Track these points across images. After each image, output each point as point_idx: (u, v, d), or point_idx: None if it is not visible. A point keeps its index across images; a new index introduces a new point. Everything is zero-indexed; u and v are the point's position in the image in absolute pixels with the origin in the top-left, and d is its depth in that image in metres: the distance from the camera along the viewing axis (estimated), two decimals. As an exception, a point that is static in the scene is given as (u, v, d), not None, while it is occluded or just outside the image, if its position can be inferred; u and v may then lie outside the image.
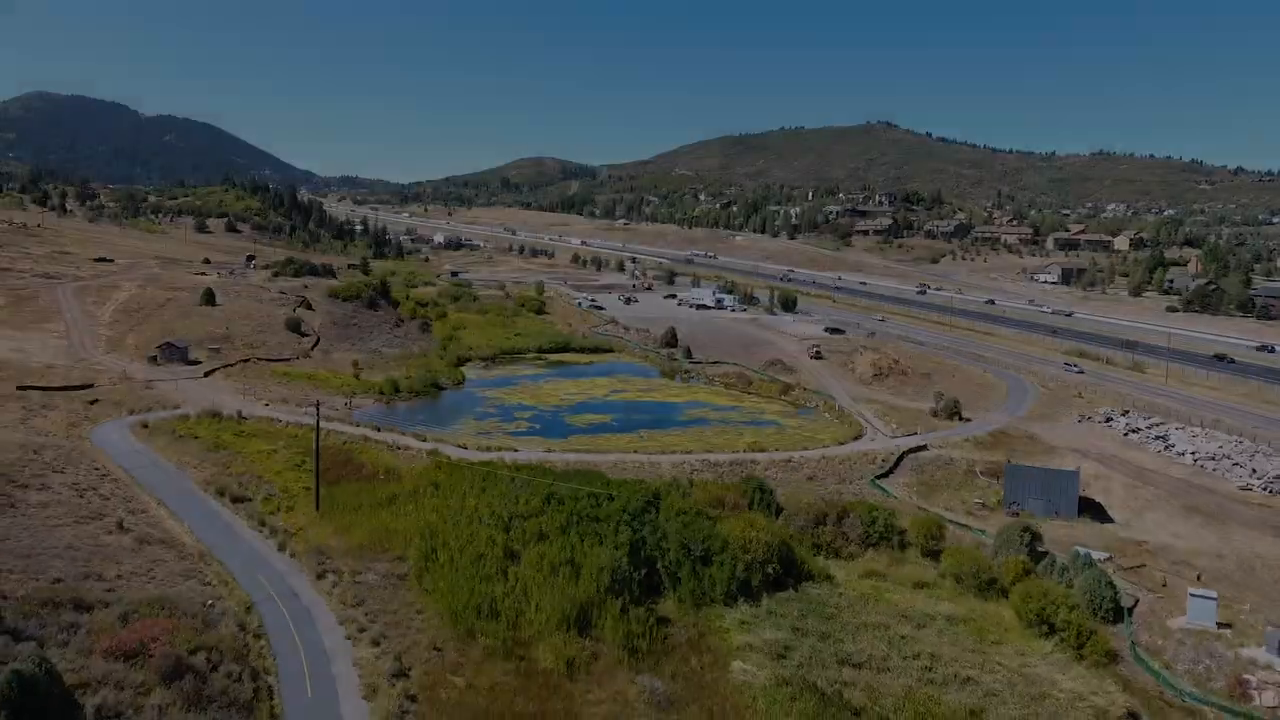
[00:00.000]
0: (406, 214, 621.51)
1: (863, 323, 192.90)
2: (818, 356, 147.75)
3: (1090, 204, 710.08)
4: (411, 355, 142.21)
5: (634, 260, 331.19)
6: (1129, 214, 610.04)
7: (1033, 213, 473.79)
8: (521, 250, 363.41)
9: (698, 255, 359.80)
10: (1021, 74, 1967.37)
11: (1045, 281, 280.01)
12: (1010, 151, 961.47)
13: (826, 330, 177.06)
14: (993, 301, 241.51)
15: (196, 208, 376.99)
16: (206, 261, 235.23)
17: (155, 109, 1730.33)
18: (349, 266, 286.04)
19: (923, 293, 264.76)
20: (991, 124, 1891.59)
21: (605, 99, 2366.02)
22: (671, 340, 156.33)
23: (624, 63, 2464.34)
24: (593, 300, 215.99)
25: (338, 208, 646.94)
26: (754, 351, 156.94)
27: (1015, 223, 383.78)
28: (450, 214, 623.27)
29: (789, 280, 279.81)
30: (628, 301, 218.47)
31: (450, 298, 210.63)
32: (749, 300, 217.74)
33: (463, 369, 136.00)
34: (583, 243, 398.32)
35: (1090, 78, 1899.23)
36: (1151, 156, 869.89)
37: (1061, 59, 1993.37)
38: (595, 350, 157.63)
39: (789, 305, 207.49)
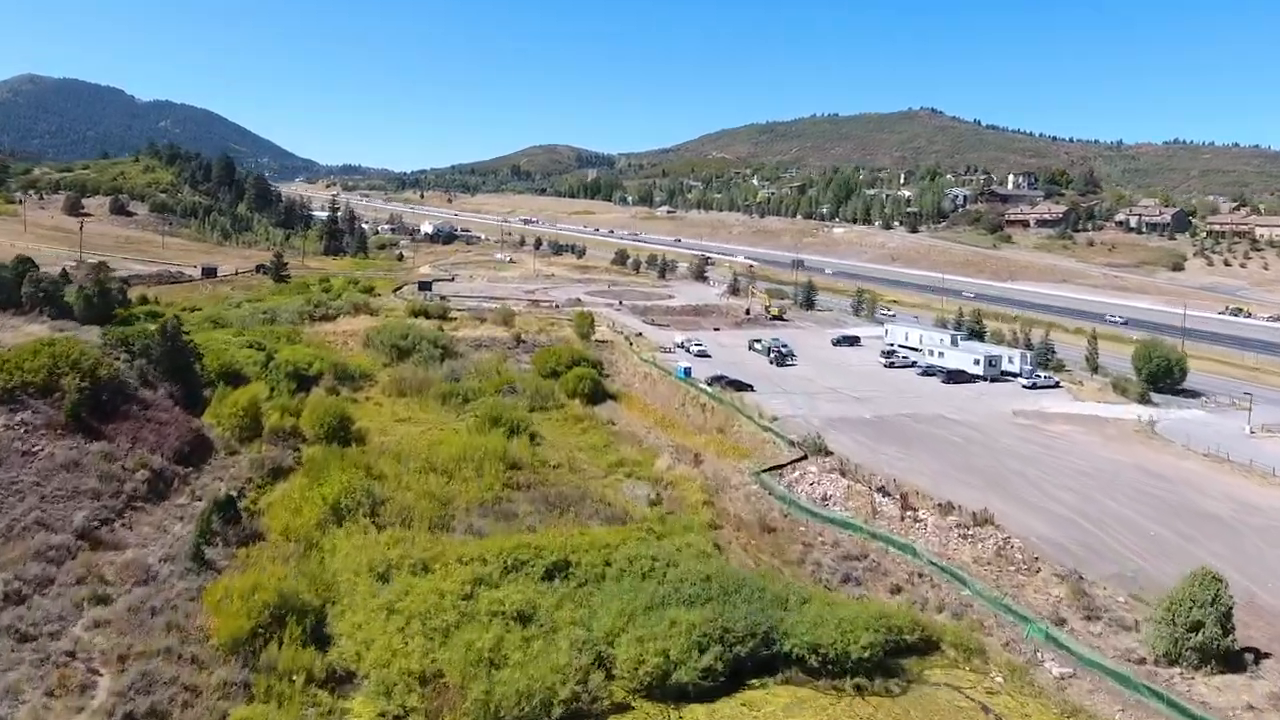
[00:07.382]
0: (399, 201, 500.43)
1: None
2: None
3: (1182, 197, 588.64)
4: None
5: (709, 261, 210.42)
6: (1235, 207, 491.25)
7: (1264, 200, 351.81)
8: (538, 245, 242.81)
9: (781, 254, 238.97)
10: (1075, 57, 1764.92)
11: None
12: (1071, 140, 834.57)
13: None
14: None
15: (84, 182, 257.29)
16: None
17: (152, 94, 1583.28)
18: (256, 269, 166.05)
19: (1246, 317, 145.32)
20: (1043, 111, 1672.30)
21: (621, 86, 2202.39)
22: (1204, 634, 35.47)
23: (639, 49, 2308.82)
24: (702, 351, 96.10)
25: (323, 194, 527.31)
26: None
27: (1242, 209, 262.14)
28: (450, 200, 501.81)
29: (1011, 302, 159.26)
30: (777, 359, 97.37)
31: (392, 349, 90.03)
32: (1046, 357, 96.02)
33: None
34: (671, 240, 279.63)
35: (1157, 62, 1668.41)
36: (1236, 145, 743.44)
37: (1118, 41, 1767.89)
38: None
39: (1165, 377, 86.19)
